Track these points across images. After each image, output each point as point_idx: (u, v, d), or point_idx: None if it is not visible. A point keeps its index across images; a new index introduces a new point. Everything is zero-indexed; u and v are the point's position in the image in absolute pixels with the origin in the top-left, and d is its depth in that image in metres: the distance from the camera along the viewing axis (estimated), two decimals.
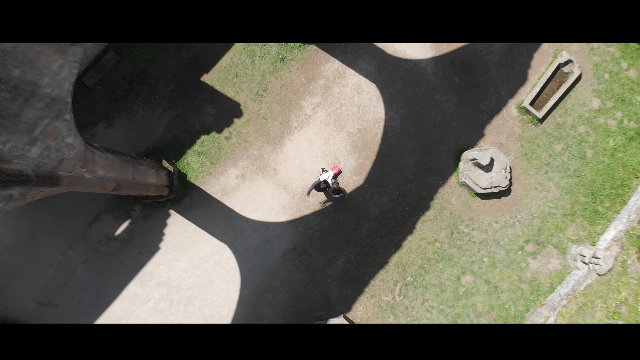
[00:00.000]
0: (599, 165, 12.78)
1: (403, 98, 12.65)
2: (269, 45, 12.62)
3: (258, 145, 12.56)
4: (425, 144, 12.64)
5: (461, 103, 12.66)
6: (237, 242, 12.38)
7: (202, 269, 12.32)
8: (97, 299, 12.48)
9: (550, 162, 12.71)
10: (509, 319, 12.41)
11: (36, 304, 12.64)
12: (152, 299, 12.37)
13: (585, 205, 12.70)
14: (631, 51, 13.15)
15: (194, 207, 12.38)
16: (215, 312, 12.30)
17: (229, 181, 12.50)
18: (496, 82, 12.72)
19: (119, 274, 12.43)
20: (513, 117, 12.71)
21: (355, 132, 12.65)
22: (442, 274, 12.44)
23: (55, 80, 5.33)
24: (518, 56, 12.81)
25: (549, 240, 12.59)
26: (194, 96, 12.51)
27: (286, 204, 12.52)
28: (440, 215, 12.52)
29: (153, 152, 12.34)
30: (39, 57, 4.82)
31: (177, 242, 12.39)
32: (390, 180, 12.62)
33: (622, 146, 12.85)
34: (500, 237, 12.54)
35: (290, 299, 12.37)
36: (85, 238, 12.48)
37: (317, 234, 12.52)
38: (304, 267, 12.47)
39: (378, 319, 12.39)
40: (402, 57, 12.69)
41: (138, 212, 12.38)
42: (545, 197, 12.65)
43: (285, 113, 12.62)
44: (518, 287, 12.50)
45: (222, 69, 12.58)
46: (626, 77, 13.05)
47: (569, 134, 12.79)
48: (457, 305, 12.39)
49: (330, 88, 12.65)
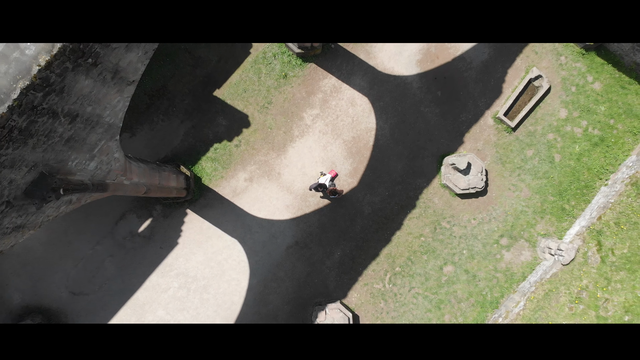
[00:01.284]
0: (566, 169, 14.27)
1: (392, 110, 14.15)
2: (274, 64, 14.11)
3: (264, 152, 14.07)
4: (411, 150, 14.14)
5: (443, 114, 14.16)
6: (246, 237, 13.91)
7: (215, 261, 13.85)
8: (123, 288, 14.01)
9: (522, 165, 14.21)
10: (485, 304, 13.94)
11: (68, 293, 14.17)
12: (171, 287, 13.90)
13: (554, 203, 14.20)
14: (596, 66, 14.61)
15: (208, 207, 13.90)
16: (227, 299, 13.83)
17: (239, 184, 14.01)
18: (474, 95, 14.22)
19: (142, 266, 13.96)
20: (489, 126, 14.21)
21: (349, 140, 14.15)
22: (427, 264, 13.97)
23: (113, 111, 6.83)
24: (494, 72, 14.30)
25: (521, 234, 14.10)
26: (207, 109, 14.01)
27: (289, 204, 14.03)
28: (424, 213, 14.04)
29: (172, 159, 13.85)
30: (105, 96, 6.31)
31: (193, 238, 13.91)
32: (381, 182, 14.13)
33: (587, 151, 14.34)
34: (478, 232, 14.06)
35: (293, 287, 13.90)
36: (112, 235, 14.00)
37: (316, 230, 14.03)
38: (305, 259, 14.00)
39: (370, 304, 13.92)
40: (391, 74, 14.19)
41: (159, 211, 13.90)
42: (517, 196, 14.16)
43: (288, 123, 14.12)
44: (494, 276, 14.02)
45: (232, 85, 14.08)
46: (591, 89, 14.52)
47: (539, 141, 14.28)
48: (440, 292, 13.92)
49: (327, 101, 14.15)
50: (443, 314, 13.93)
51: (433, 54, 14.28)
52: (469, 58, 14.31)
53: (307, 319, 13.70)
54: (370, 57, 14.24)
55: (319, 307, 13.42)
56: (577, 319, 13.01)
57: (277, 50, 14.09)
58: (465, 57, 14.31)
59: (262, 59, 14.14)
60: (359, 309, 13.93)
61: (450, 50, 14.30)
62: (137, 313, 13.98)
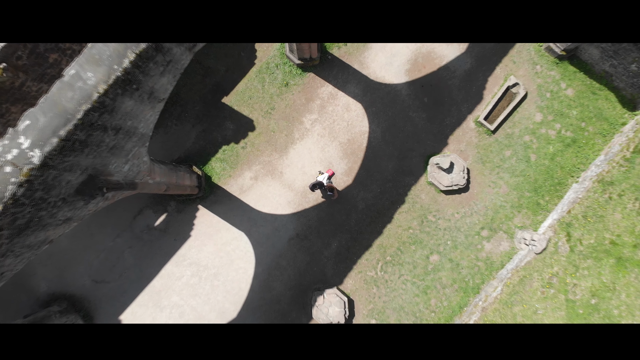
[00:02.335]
0: (541, 167, 15.63)
1: (383, 115, 15.49)
2: (276, 73, 15.43)
3: (268, 153, 15.42)
4: (400, 151, 15.49)
5: (429, 118, 15.50)
6: (252, 230, 15.28)
7: (224, 252, 15.22)
8: (141, 276, 15.38)
9: (501, 164, 15.56)
10: (468, 290, 15.33)
11: (91, 281, 15.54)
12: (184, 275, 15.28)
13: (530, 199, 15.57)
14: (569, 74, 15.94)
15: (217, 203, 15.26)
16: (236, 286, 15.22)
17: (245, 182, 15.37)
18: (457, 101, 15.55)
19: (158, 256, 15.33)
20: (471, 129, 15.56)
21: (345, 142, 15.50)
22: (415, 254, 15.35)
23: (146, 123, 8.17)
24: (475, 80, 15.63)
25: (500, 227, 15.48)
26: (216, 114, 15.34)
27: (290, 200, 15.39)
28: (412, 208, 15.41)
29: (185, 160, 15.20)
30: (142, 112, 7.65)
31: (204, 231, 15.27)
32: (373, 180, 15.49)
33: (560, 151, 15.69)
34: (461, 224, 15.43)
35: (294, 274, 15.28)
36: (131, 228, 15.36)
37: (315, 223, 15.40)
38: (305, 249, 15.37)
39: (364, 290, 15.31)
40: (382, 82, 15.51)
41: (173, 207, 15.27)
42: (497, 192, 15.52)
43: (289, 127, 15.46)
44: (475, 264, 15.41)
45: (238, 93, 15.41)
46: (564, 95, 15.86)
47: (517, 142, 15.63)
48: (427, 278, 15.31)
49: (325, 107, 15.48)
50: (429, 299, 15.33)
51: (420, 63, 15.61)
52: (453, 67, 15.65)
53: (307, 303, 15.08)
54: (363, 67, 15.57)
55: (318, 292, 14.81)
56: (548, 302, 14.41)
57: (279, 61, 15.41)
58: (450, 67, 15.64)
59: (266, 69, 15.47)
60: (353, 294, 15.32)
61: (435, 60, 15.63)
62: (153, 299, 15.35)
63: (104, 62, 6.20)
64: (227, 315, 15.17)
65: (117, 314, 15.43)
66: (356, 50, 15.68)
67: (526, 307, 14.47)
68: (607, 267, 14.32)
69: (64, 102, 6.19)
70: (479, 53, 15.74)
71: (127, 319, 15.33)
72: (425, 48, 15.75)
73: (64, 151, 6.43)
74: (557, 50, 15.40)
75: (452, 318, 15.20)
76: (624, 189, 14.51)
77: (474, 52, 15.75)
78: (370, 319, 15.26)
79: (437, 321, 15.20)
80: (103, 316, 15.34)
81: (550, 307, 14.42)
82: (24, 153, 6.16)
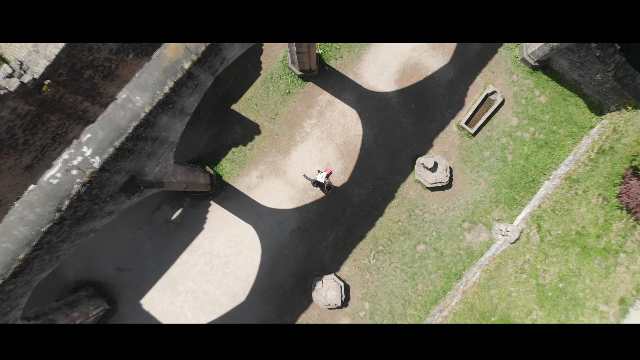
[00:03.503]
0: (516, 166, 17.29)
1: (375, 120, 17.14)
2: (279, 83, 17.06)
3: (272, 154, 17.07)
4: (391, 152, 17.15)
5: (416, 123, 17.15)
6: (259, 223, 16.95)
7: (234, 242, 16.90)
8: (159, 264, 17.05)
9: (480, 164, 17.22)
10: (451, 276, 17.02)
11: (114, 269, 17.21)
12: (198, 264, 16.96)
13: (506, 195, 17.24)
14: (542, 82, 17.57)
15: (227, 199, 16.92)
16: (244, 273, 16.91)
17: (252, 180, 17.02)
18: (441, 107, 17.20)
19: (175, 246, 17.00)
20: (453, 132, 17.21)
21: (341, 144, 17.15)
22: (403, 244, 17.03)
23: (175, 133, 9.81)
24: (457, 88, 17.26)
25: (480, 219, 17.16)
26: (226, 120, 16.98)
27: (292, 196, 17.06)
28: (401, 203, 17.08)
29: (198, 161, 16.85)
30: (173, 125, 9.29)
31: (216, 224, 16.95)
32: (366, 178, 17.15)
33: (534, 152, 17.35)
34: (445, 217, 17.11)
35: (296, 262, 16.97)
36: (150, 222, 17.02)
37: (314, 217, 17.07)
38: (305, 240, 17.05)
39: (358, 276, 17.01)
40: (374, 90, 17.15)
41: (188, 202, 16.93)
42: (477, 189, 17.19)
43: (291, 131, 17.10)
44: (457, 253, 17.10)
45: (246, 100, 17.04)
46: (538, 101, 17.50)
47: (495, 144, 17.29)
48: (414, 266, 17.00)
49: (323, 113, 17.13)
50: (417, 284, 17.03)
51: (408, 74, 17.24)
52: (438, 77, 17.28)
53: (308, 288, 16.78)
54: (357, 77, 17.20)
55: (317, 278, 16.50)
56: (521, 286, 16.13)
57: (282, 72, 17.04)
58: (435, 76, 17.27)
59: (270, 79, 17.10)
60: (349, 279, 17.01)
61: (422, 70, 17.26)
62: (170, 285, 17.04)
63: (149, 88, 7.84)
64: (237, 299, 16.87)
65: (137, 299, 17.11)
66: (351, 62, 17.30)
67: (501, 290, 16.18)
68: (573, 255, 16.04)
69: (117, 119, 7.84)
70: (461, 64, 17.36)
71: (147, 303, 17.02)
72: (413, 59, 17.37)
73: (117, 158, 8.09)
74: (531, 61, 17.02)
75: (436, 301, 16.91)
76: (588, 186, 16.21)
77: (457, 63, 17.38)
78: (364, 302, 16.96)
79: (424, 304, 16.89)
80: (125, 301, 17.03)
81: (522, 290, 16.14)
82: (87, 160, 7.82)
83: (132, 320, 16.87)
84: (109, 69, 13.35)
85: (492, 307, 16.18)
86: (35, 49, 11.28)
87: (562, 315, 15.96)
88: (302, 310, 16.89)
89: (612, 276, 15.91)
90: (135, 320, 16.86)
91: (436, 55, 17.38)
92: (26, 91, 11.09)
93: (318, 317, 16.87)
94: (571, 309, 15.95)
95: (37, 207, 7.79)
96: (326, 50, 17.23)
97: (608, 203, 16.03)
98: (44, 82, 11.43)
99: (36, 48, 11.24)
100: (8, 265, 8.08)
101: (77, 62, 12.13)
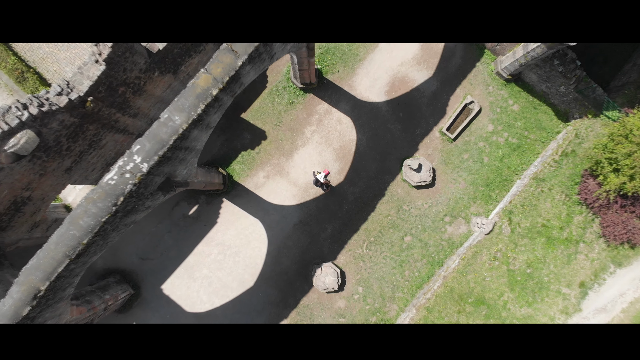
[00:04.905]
0: (492, 167, 19.40)
1: (367, 126, 19.24)
2: (283, 94, 19.14)
3: (277, 157, 19.16)
4: (382, 155, 19.25)
5: (404, 129, 19.25)
6: (265, 217, 19.06)
7: (243, 234, 19.01)
8: (178, 254, 19.14)
9: (460, 165, 19.33)
10: (434, 263, 19.13)
11: (138, 258, 19.29)
12: (212, 253, 19.06)
13: (483, 192, 19.35)
14: (515, 93, 19.67)
15: (238, 196, 19.02)
16: (252, 261, 19.01)
17: (259, 180, 19.12)
18: (426, 116, 19.30)
19: (191, 238, 19.09)
20: (436, 137, 19.31)
21: (338, 148, 19.24)
22: (392, 235, 19.15)
23: (201, 143, 11.89)
24: (440, 98, 19.36)
25: (459, 214, 19.28)
26: (236, 127, 19.06)
27: (295, 194, 19.15)
28: (391, 200, 19.19)
29: (212, 163, 18.94)
30: (201, 136, 11.37)
31: (227, 218, 19.05)
32: (360, 178, 19.25)
33: (507, 155, 19.45)
34: (429, 212, 19.23)
35: (298, 252, 19.08)
36: (170, 216, 19.11)
37: (314, 212, 19.17)
38: (306, 233, 19.16)
39: (353, 264, 19.13)
40: (367, 101, 19.24)
41: (203, 199, 19.02)
42: (457, 187, 19.30)
43: (294, 136, 19.20)
44: (440, 243, 19.22)
45: (254, 109, 19.13)
46: (511, 110, 19.60)
47: (473, 147, 19.39)
48: (402, 254, 19.12)
49: (322, 120, 19.22)
50: (404, 270, 19.15)
51: (397, 86, 19.33)
52: (422, 89, 19.37)
53: (309, 274, 18.90)
54: (352, 89, 19.28)
55: (317, 266, 18.61)
56: (494, 271, 18.27)
57: (285, 84, 19.12)
58: (420, 88, 19.37)
59: (275, 91, 19.17)
60: (345, 267, 19.13)
61: (408, 83, 19.35)
62: (188, 272, 19.14)
63: (185, 110, 9.92)
64: (246, 284, 18.98)
65: (159, 284, 19.22)
66: (346, 75, 19.39)
67: (477, 275, 18.33)
68: (539, 245, 18.19)
69: (161, 134, 9.92)
70: (443, 77, 19.46)
71: (167, 288, 19.13)
72: (401, 73, 19.45)
73: (159, 164, 10.17)
74: (505, 74, 19.11)
75: (421, 285, 19.03)
76: (553, 184, 18.36)
77: (439, 76, 19.47)
78: (358, 287, 19.08)
79: (410, 288, 19.01)
80: (148, 286, 19.12)
81: (495, 275, 18.30)
82: (137, 165, 9.90)
83: (154, 303, 18.96)
84: (138, 85, 15.46)
85: (469, 290, 18.33)
86: (80, 71, 13.38)
87: (530, 297, 18.12)
88: (303, 294, 19.01)
89: (573, 263, 18.07)
90: (157, 303, 18.96)
91: (421, 70, 19.47)
92: (72, 106, 13.17)
93: (317, 299, 19.00)
94: (537, 292, 18.12)
95: (99, 203, 9.88)
96: (324, 66, 19.31)
97: (570, 199, 18.18)
98: (87, 98, 13.52)
99: (80, 70, 13.33)
100: (74, 248, 10.17)
101: (114, 80, 14.20)
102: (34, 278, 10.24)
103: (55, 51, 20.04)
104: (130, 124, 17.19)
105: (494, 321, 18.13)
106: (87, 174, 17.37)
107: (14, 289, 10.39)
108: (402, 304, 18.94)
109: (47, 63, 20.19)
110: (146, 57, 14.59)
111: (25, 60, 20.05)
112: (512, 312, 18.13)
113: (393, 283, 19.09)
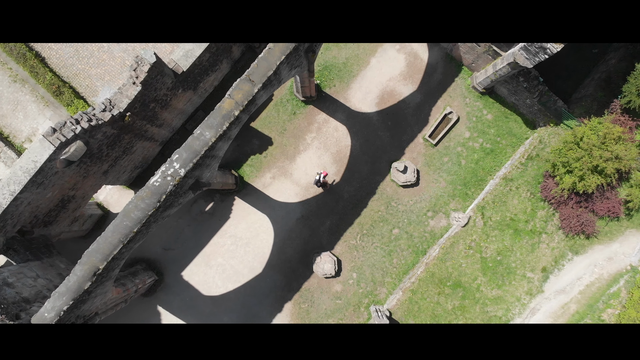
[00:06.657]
0: (468, 169, 21.97)
1: (360, 133, 21.81)
2: (287, 106, 21.69)
3: (282, 160, 21.72)
4: (373, 158, 21.82)
5: (392, 136, 21.83)
6: (272, 213, 21.63)
7: (253, 228, 21.59)
8: (196, 245, 21.70)
9: (441, 167, 21.91)
10: (418, 252, 21.71)
11: (161, 249, 21.84)
12: (226, 244, 21.62)
13: (460, 191, 21.93)
14: (489, 104, 22.22)
15: (248, 195, 21.59)
16: (261, 251, 21.59)
17: (266, 180, 21.68)
18: (411, 124, 21.88)
19: (208, 231, 21.65)
20: (420, 143, 21.90)
21: (335, 152, 21.81)
22: (382, 228, 21.73)
23: (222, 151, 14.43)
24: (423, 109, 21.92)
25: (440, 209, 21.86)
26: (246, 134, 21.62)
27: (297, 193, 21.72)
28: (381, 197, 21.77)
29: (225, 166, 21.49)
30: (223, 146, 13.91)
31: (239, 214, 21.61)
32: (354, 178, 21.82)
33: (482, 158, 22.02)
34: (414, 208, 21.81)
35: (301, 243, 21.66)
36: (189, 212, 21.66)
37: (314, 208, 21.74)
38: (307, 226, 21.74)
39: (348, 253, 21.71)
40: (360, 111, 21.81)
41: (218, 198, 21.58)
42: (438, 186, 21.88)
43: (296, 142, 21.76)
44: (424, 235, 21.82)
45: (262, 119, 21.69)
46: (486, 119, 22.16)
47: (452, 152, 21.96)
48: (390, 245, 21.71)
49: (321, 129, 21.78)
50: (392, 259, 21.73)
51: (386, 98, 21.90)
52: (408, 101, 21.94)
53: (309, 262, 21.48)
54: (347, 101, 21.84)
55: (317, 255, 21.19)
56: (469, 259, 20.87)
57: (289, 97, 21.67)
58: (406, 100, 21.94)
59: (280, 103, 21.72)
60: (341, 256, 21.71)
61: (396, 96, 21.91)
62: (204, 261, 21.69)
63: (214, 127, 12.46)
64: (255, 271, 21.55)
65: (179, 272, 21.78)
66: (342, 89, 21.94)
67: (454, 262, 20.93)
68: (507, 235, 20.80)
69: (194, 146, 12.47)
70: (426, 91, 22.02)
71: (187, 274, 21.69)
72: (389, 87, 22.00)
73: (193, 169, 12.73)
74: (479, 88, 21.66)
75: (407, 271, 21.62)
76: (520, 184, 20.96)
77: (423, 90, 22.03)
78: (352, 273, 21.66)
79: (397, 273, 21.60)
80: (170, 273, 21.67)
81: (470, 262, 20.91)
82: (177, 171, 12.45)
83: (175, 287, 21.52)
84: (165, 101, 18.04)
85: (448, 275, 20.95)
86: (120, 91, 15.93)
87: (500, 280, 20.75)
88: (305, 279, 21.59)
89: (536, 251, 20.69)
90: (178, 287, 21.51)
91: (407, 84, 22.03)
92: (114, 120, 15.73)
93: (317, 284, 21.58)
94: (506, 276, 20.74)
95: (146, 199, 12.44)
96: (323, 81, 21.85)
97: (534, 196, 20.79)
98: (126, 113, 16.07)
99: (120, 90, 15.88)
100: (127, 236, 12.73)
101: (146, 98, 16.78)
102: (95, 259, 12.80)
103: (87, 68, 22.54)
104: (156, 133, 19.80)
105: (469, 301, 20.75)
106: (119, 175, 19.99)
107: (77, 268, 12.95)
108: (391, 287, 21.53)
109: (80, 78, 22.67)
110: (173, 77, 17.18)
111: (60, 76, 22.51)
112: (484, 294, 20.76)
113: (383, 269, 21.66)
